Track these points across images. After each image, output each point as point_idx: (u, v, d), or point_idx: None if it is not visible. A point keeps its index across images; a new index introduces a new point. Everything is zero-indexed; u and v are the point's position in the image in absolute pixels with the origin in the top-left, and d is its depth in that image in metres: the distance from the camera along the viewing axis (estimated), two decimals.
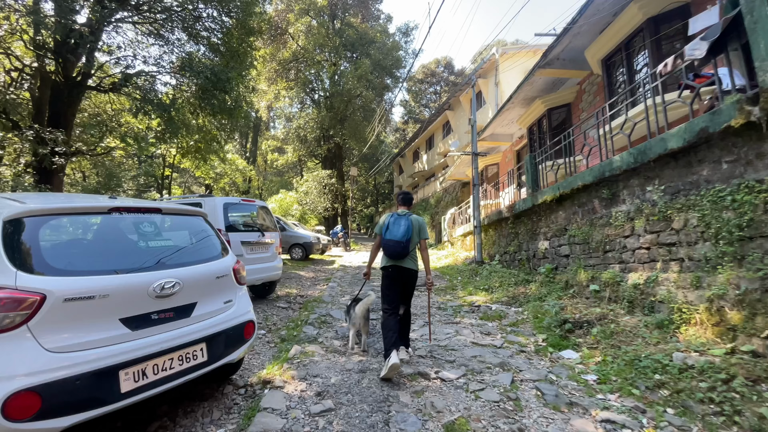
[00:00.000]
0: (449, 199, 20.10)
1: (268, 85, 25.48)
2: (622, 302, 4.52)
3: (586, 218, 5.58)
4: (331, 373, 3.27)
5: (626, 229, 4.72)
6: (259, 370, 3.49)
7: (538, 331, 4.51)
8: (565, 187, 5.81)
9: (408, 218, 3.50)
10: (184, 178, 28.01)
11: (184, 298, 2.43)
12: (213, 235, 2.99)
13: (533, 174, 7.06)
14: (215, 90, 8.32)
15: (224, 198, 5.70)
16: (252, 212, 6.28)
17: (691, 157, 3.88)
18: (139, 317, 2.20)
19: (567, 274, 5.89)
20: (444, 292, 7.32)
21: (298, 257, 12.47)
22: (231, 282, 2.85)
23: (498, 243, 9.10)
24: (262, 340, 4.42)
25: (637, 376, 3.17)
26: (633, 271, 4.62)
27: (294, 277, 9.07)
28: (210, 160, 19.89)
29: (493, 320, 5.16)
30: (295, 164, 38.04)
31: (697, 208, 3.80)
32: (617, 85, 6.30)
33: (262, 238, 5.99)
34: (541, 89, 8.52)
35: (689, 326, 3.67)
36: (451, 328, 4.80)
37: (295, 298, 6.73)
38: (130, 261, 2.28)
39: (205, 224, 3.01)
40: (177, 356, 2.34)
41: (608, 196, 5.04)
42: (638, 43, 5.71)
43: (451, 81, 42.31)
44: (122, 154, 16.21)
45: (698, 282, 3.70)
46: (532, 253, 7.21)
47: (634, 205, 4.63)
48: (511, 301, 6.22)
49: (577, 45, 6.73)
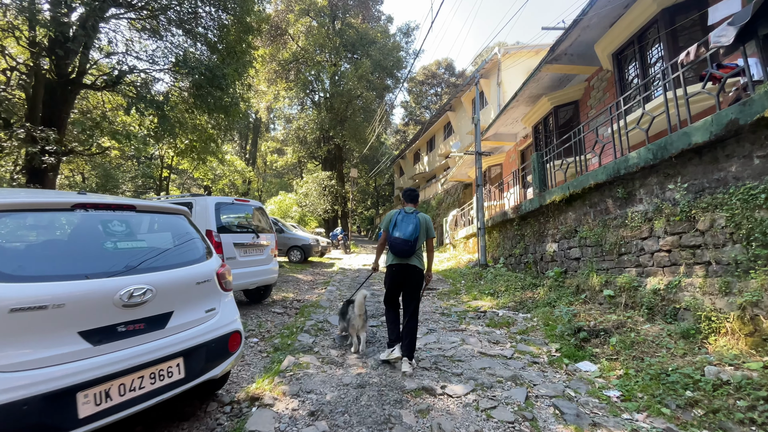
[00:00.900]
0: (451, 200, 19.81)
1: (267, 86, 25.24)
2: (641, 309, 4.21)
3: (598, 219, 5.28)
4: (327, 389, 2.96)
5: (644, 231, 4.42)
6: (248, 383, 3.18)
7: (550, 340, 4.20)
8: (576, 187, 5.52)
9: (416, 216, 3.46)
10: (182, 180, 27.77)
11: (158, 306, 2.14)
12: (195, 236, 2.70)
13: (540, 173, 6.76)
14: (210, 87, 8.05)
15: (216, 197, 5.41)
16: (246, 213, 5.99)
17: (717, 152, 3.59)
18: (102, 330, 1.91)
19: (578, 278, 5.59)
20: (447, 296, 7.01)
21: (296, 260, 12.16)
22: (214, 288, 2.55)
23: (503, 245, 8.79)
24: (253, 349, 4.11)
25: (666, 393, 2.86)
26: (652, 276, 4.31)
27: (291, 281, 8.76)
28: (209, 161, 19.69)
29: (500, 327, 4.85)
30: (295, 166, 37.81)
31: (725, 207, 3.50)
32: (629, 79, 6.02)
33: (257, 239, 5.69)
34: (547, 86, 8.24)
35: (719, 336, 3.36)
36: (457, 336, 4.49)
37: (291, 303, 6.43)
38: (93, 265, 1.99)
39: (187, 224, 2.71)
40: (148, 374, 2.04)
41: (623, 196, 4.74)
42: (652, 35, 5.42)
43: (451, 83, 42.12)
44: (118, 154, 15.97)
45: (728, 288, 3.40)
46: (539, 256, 6.90)
47: (652, 205, 4.33)
48: (519, 306, 5.91)
49: (586, 39, 6.45)
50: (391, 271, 3.51)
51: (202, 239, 2.76)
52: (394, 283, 3.55)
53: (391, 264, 3.51)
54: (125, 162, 24.53)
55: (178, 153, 11.32)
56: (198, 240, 2.70)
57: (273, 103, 26.69)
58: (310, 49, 24.18)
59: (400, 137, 45.82)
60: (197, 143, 9.66)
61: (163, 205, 2.59)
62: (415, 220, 3.41)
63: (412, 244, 3.33)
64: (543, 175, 6.75)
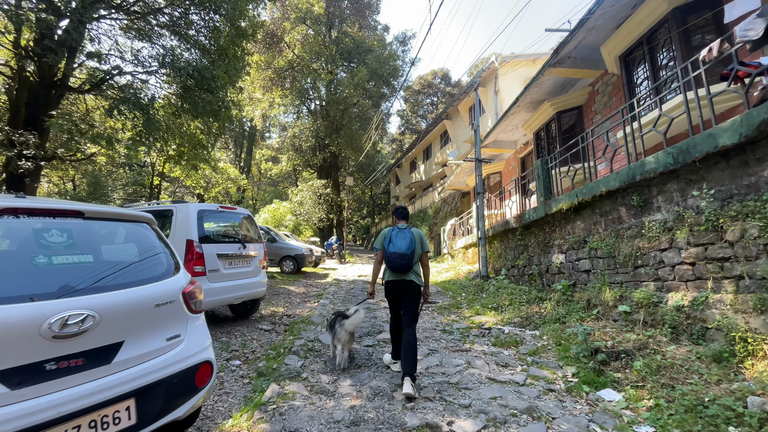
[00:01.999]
0: (448, 209, 19.50)
1: (263, 94, 24.99)
2: (663, 327, 3.84)
3: (610, 228, 4.94)
4: (315, 427, 2.53)
5: (663, 242, 4.08)
6: (224, 418, 2.75)
7: (564, 363, 3.80)
8: (585, 194, 5.19)
9: (410, 231, 3.50)
10: (175, 187, 27.26)
11: (103, 336, 1.73)
12: (160, 248, 2.30)
13: (545, 180, 6.44)
14: (199, 89, 7.70)
15: (199, 204, 5.00)
16: (233, 221, 5.58)
17: (747, 155, 3.27)
18: (23, 369, 1.50)
19: (588, 291, 5.22)
20: (448, 311, 6.60)
21: (288, 270, 11.69)
22: (179, 310, 2.14)
23: (504, 256, 8.43)
24: (235, 373, 3.67)
25: (706, 429, 2.48)
26: (673, 291, 3.95)
27: (282, 293, 8.30)
28: (201, 168, 19.24)
29: (508, 347, 4.45)
30: (290, 174, 37.43)
31: (757, 216, 3.17)
32: (639, 82, 5.75)
33: (244, 250, 5.28)
34: (549, 91, 7.99)
35: (756, 360, 2.99)
36: (461, 357, 4.08)
37: (281, 318, 5.98)
38: (13, 285, 1.58)
39: (151, 233, 2.31)
40: (87, 423, 1.63)
41: (638, 203, 4.41)
42: (663, 35, 5.17)
43: (447, 92, 42.24)
44: (104, 160, 15.49)
45: (763, 305, 3.04)
46: (544, 268, 6.53)
47: (672, 214, 4.00)
48: (525, 322, 5.52)
49: (591, 41, 6.21)
50: (388, 288, 3.52)
51: (170, 252, 2.36)
52: (392, 299, 3.55)
53: (387, 280, 3.51)
54: (117, 170, 24.01)
55: (166, 159, 10.86)
56: (163, 253, 2.29)
57: (268, 110, 26.39)
58: (306, 57, 24.03)
59: (396, 146, 45.73)
60: (186, 149, 9.24)
61: (120, 211, 2.19)
62: (409, 235, 3.45)
63: (409, 258, 3.36)
64: (548, 183, 6.43)
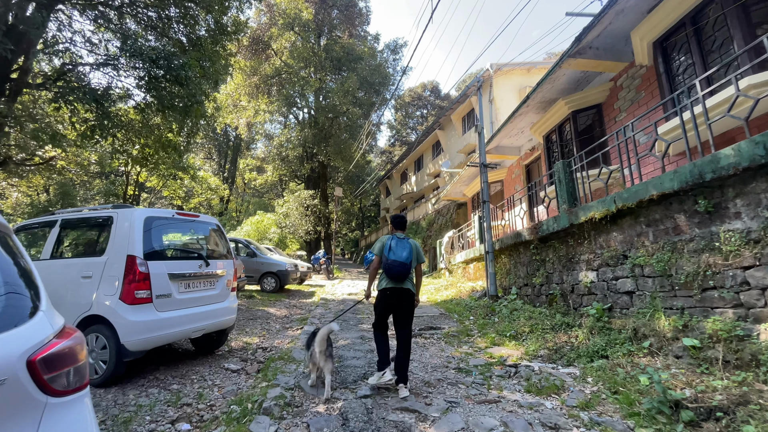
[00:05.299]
0: (443, 221, 18.61)
1: (248, 101, 23.97)
2: (758, 369, 2.90)
3: (662, 241, 4.04)
4: None
5: (746, 257, 3.17)
6: None
7: (637, 425, 2.79)
8: (627, 200, 4.30)
9: (408, 241, 3.60)
10: (152, 198, 25.73)
11: None
12: (11, 276, 1.23)
13: (569, 185, 5.56)
14: (167, 81, 6.64)
15: (148, 210, 3.89)
16: (193, 232, 4.48)
17: None
18: None
19: (633, 318, 4.27)
20: (458, 339, 5.55)
21: (270, 289, 10.47)
22: (20, 394, 1.07)
23: (514, 272, 7.48)
24: None
25: None
26: (765, 321, 3.03)
27: (260, 317, 7.12)
28: (179, 177, 17.91)
29: (548, 395, 3.43)
30: (276, 185, 36.18)
31: None
32: (681, 70, 4.98)
33: (206, 268, 4.17)
34: (563, 89, 7.23)
35: None
36: (492, 413, 3.03)
37: (254, 353, 4.84)
38: None
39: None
40: None
41: (706, 209, 3.53)
42: (714, 12, 4.42)
43: (437, 105, 42.07)
44: (70, 166, 14.14)
45: None
46: (569, 287, 5.59)
47: (759, 221, 3.11)
48: (555, 355, 4.53)
49: (618, 27, 5.46)
50: (385, 295, 3.55)
51: (23, 281, 1.29)
52: (387, 307, 3.57)
53: (385, 288, 3.54)
54: (91, 180, 22.40)
55: (134, 162, 9.67)
56: (5, 283, 1.23)
57: (253, 118, 25.33)
58: (294, 64, 23.22)
59: (386, 158, 45.09)
60: (151, 150, 8.08)
61: None
62: (408, 245, 3.54)
63: (409, 267, 3.45)
64: (572, 188, 5.55)
